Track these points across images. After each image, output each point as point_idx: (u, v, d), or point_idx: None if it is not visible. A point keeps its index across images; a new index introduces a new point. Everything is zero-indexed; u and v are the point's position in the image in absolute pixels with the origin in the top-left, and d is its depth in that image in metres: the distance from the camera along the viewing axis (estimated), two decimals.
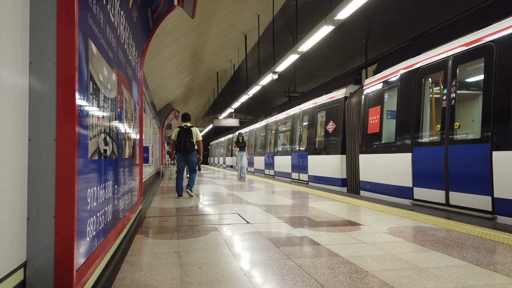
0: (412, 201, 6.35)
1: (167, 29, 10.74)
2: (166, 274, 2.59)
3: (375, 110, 7.59)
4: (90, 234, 2.30)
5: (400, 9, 12.86)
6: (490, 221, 4.66)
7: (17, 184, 1.73)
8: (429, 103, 6.19)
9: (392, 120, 7.08)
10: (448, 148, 5.48)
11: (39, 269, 1.82)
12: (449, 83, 5.56)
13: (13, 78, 1.69)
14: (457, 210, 5.31)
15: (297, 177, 12.19)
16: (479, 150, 4.95)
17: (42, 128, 1.83)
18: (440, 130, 5.69)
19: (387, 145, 7.16)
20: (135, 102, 4.99)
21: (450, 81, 5.56)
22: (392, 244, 3.37)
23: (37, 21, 1.84)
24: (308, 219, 4.72)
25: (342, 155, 9.23)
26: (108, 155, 2.87)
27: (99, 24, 2.53)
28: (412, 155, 6.29)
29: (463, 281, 2.37)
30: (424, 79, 6.21)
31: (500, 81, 4.72)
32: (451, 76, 5.55)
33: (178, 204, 6.29)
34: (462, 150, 5.26)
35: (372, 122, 7.68)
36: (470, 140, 5.22)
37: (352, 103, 8.93)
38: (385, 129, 7.31)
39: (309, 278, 2.46)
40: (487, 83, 4.92)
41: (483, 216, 4.87)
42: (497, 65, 4.78)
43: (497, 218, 4.70)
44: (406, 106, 6.57)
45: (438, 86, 5.99)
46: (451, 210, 5.43)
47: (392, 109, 7.13)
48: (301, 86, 22.77)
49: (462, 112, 5.83)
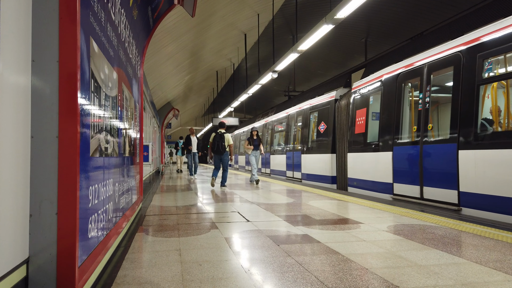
0: (392, 196, 6.84)
1: (166, 28, 10.74)
2: (167, 271, 2.60)
3: (362, 112, 8.15)
4: (92, 231, 2.31)
5: (399, 8, 12.87)
6: (455, 212, 5.19)
7: (19, 181, 1.74)
8: (408, 106, 6.71)
9: (376, 121, 7.61)
10: (423, 147, 6.01)
11: (42, 265, 1.83)
12: (424, 88, 6.10)
13: (16, 75, 1.70)
14: (430, 203, 5.80)
15: (291, 175, 12.62)
16: (448, 149, 5.47)
17: (45, 125, 1.84)
18: (416, 131, 6.22)
19: (371, 145, 7.66)
20: (136, 101, 5.00)
21: (425, 86, 6.09)
22: (392, 242, 3.39)
23: (39, 19, 1.85)
24: (307, 217, 4.74)
25: (332, 154, 9.81)
26: (109, 153, 2.88)
27: (100, 23, 2.54)
28: (393, 154, 6.82)
29: (462, 278, 2.39)
30: (403, 84, 6.74)
31: (466, 87, 5.23)
32: (426, 82, 6.08)
33: (178, 203, 6.31)
34: (434, 149, 5.80)
35: (359, 123, 8.23)
36: (440, 140, 5.74)
37: (342, 105, 9.45)
38: (370, 129, 7.81)
39: (310, 275, 2.48)
40: (455, 89, 5.43)
41: (451, 208, 5.38)
42: (463, 73, 5.30)
43: (462, 210, 5.21)
44: (388, 108, 7.10)
45: (415, 91, 6.52)
46: (424, 204, 5.92)
47: (376, 111, 7.67)
48: (301, 85, 22.77)
49: (435, 115, 6.34)
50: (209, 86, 26.77)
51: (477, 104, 5.04)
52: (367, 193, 7.75)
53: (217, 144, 8.93)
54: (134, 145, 4.73)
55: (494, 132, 4.97)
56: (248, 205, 5.93)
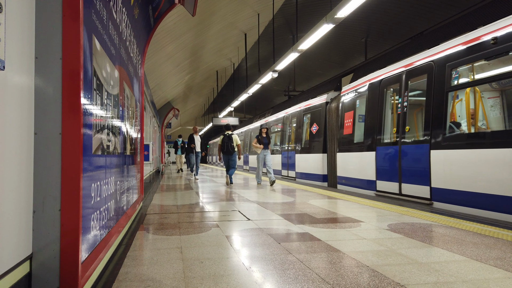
0: (376, 192, 7.40)
1: (167, 28, 10.75)
2: (168, 268, 2.61)
3: (349, 114, 8.73)
4: (94, 228, 2.32)
5: (399, 8, 12.88)
6: (428, 206, 5.69)
7: (23, 178, 1.75)
8: (389, 110, 7.27)
9: (362, 123, 8.19)
10: (401, 147, 6.58)
11: (45, 261, 1.84)
12: (403, 94, 6.68)
13: (19, 72, 1.71)
14: (407, 199, 6.35)
15: (286, 174, 13.22)
16: (422, 150, 6.03)
17: (48, 122, 1.85)
18: (396, 132, 6.80)
19: (357, 145, 8.21)
20: (136, 100, 5.01)
21: (403, 92, 6.67)
22: (392, 240, 3.40)
23: (43, 17, 1.86)
24: (308, 215, 4.75)
25: (323, 154, 10.36)
26: (111, 151, 2.89)
27: (102, 21, 2.55)
28: (376, 153, 7.40)
29: (463, 275, 2.40)
30: (385, 89, 7.33)
31: (437, 93, 5.76)
32: (404, 87, 6.66)
33: (178, 202, 6.32)
34: (410, 150, 6.37)
35: (347, 124, 8.83)
36: (415, 141, 6.30)
37: (332, 108, 10.00)
38: (356, 130, 8.37)
39: (311, 273, 2.49)
40: (428, 95, 5.95)
41: (424, 203, 5.93)
42: (435, 80, 5.83)
43: (433, 204, 5.78)
44: (372, 111, 7.68)
45: (395, 96, 7.09)
46: (402, 199, 6.47)
47: (362, 114, 8.23)
48: (301, 85, 22.78)
49: (412, 118, 6.78)
50: (209, 85, 26.77)
51: (446, 109, 5.58)
52: (354, 190, 8.23)
53: (226, 145, 9.57)
54: (135, 144, 4.74)
55: (460, 134, 5.48)
56: (248, 204, 5.94)
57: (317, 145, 10.72)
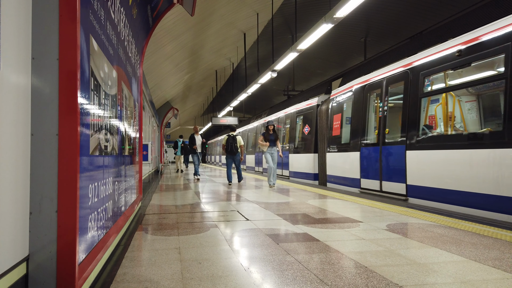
0: (360, 189, 7.95)
1: (166, 27, 10.73)
2: (167, 269, 2.60)
3: (337, 116, 9.33)
4: (92, 229, 2.31)
5: (399, 7, 12.87)
6: (405, 202, 6.22)
7: (19, 179, 1.74)
8: (372, 113, 7.84)
9: (348, 125, 8.73)
10: (382, 148, 7.16)
11: (42, 263, 1.84)
12: (383, 98, 7.26)
13: (16, 73, 1.70)
14: (386, 195, 6.92)
15: (280, 173, 13.82)
16: (399, 150, 6.60)
17: (45, 123, 1.85)
18: (377, 134, 7.36)
19: (344, 145, 8.77)
20: (135, 100, 5.00)
21: (384, 97, 7.24)
22: (391, 240, 3.39)
23: (39, 17, 1.85)
24: (306, 216, 4.74)
25: (314, 154, 10.93)
26: (108, 151, 2.89)
27: (100, 21, 2.54)
28: (360, 153, 7.97)
29: (461, 276, 2.40)
30: (369, 94, 7.89)
31: (412, 99, 6.33)
32: (385, 93, 7.22)
33: (177, 202, 6.31)
34: (389, 150, 6.94)
35: (335, 126, 9.40)
36: (394, 142, 6.83)
37: (322, 110, 10.58)
38: (343, 132, 8.92)
39: (309, 273, 2.48)
40: (405, 100, 6.54)
41: (401, 198, 6.49)
42: (410, 87, 6.40)
43: (408, 200, 6.33)
44: (357, 114, 8.25)
45: (377, 100, 7.66)
46: (383, 195, 7.02)
47: (348, 116, 8.77)
48: (300, 85, 22.76)
49: (391, 121, 7.24)
50: (208, 85, 26.74)
51: (419, 113, 6.15)
52: (341, 188, 8.77)
53: (230, 146, 9.89)
54: (133, 144, 4.73)
55: (431, 136, 6.03)
56: (247, 204, 5.93)
57: (308, 145, 11.25)
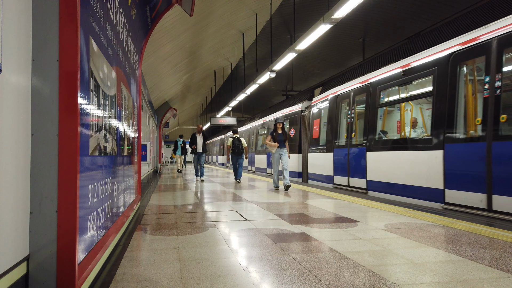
0: (333, 185, 9.14)
1: (164, 28, 10.74)
2: (166, 269, 2.62)
3: (317, 121, 10.57)
4: (91, 229, 2.33)
5: (397, 8, 12.91)
6: (365, 195, 7.29)
7: (20, 179, 1.76)
8: (344, 119, 9.05)
9: (325, 129, 9.98)
10: (349, 149, 8.42)
11: (42, 262, 1.85)
12: (351, 107, 8.56)
13: (16, 74, 1.71)
14: (352, 190, 8.16)
15: (271, 172, 14.54)
16: (361, 151, 7.93)
17: (45, 123, 1.86)
18: (346, 137, 8.64)
19: (321, 147, 10.06)
20: (134, 100, 5.01)
21: (351, 105, 8.55)
22: (389, 240, 3.42)
23: (40, 19, 1.87)
24: (304, 216, 4.76)
25: (299, 154, 12.11)
26: (108, 151, 2.90)
27: (99, 22, 2.56)
28: (333, 154, 9.26)
29: (458, 275, 2.42)
30: (341, 102, 9.16)
31: (371, 109, 7.64)
32: (352, 102, 8.53)
33: (176, 202, 6.32)
34: (354, 151, 8.22)
35: (315, 130, 10.62)
36: (358, 144, 8.12)
37: (305, 115, 11.80)
38: (321, 135, 10.18)
39: (307, 273, 2.50)
40: (366, 109, 7.82)
41: (362, 192, 7.73)
42: (370, 98, 7.72)
43: (368, 193, 7.56)
44: (332, 120, 9.52)
45: (346, 108, 8.91)
46: (350, 190, 8.20)
47: (325, 121, 10.02)
48: (299, 85, 22.80)
49: (356, 126, 8.42)
50: (207, 85, 26.74)
51: (376, 120, 7.49)
52: (319, 184, 9.98)
53: (237, 147, 10.75)
54: (132, 144, 4.74)
55: (384, 140, 7.38)
56: (245, 204, 5.95)
57: (294, 146, 12.33)
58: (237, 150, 10.74)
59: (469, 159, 5.15)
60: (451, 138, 5.48)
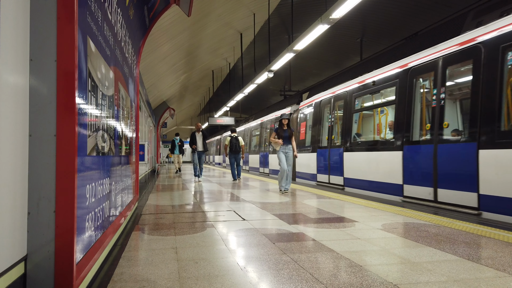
0: (316, 183, 10.08)
1: (162, 27, 10.73)
2: (163, 269, 2.62)
3: (303, 124, 11.45)
4: (89, 229, 2.33)
5: (395, 8, 12.94)
6: (343, 191, 8.11)
7: (17, 179, 1.76)
8: (326, 122, 9.93)
9: (310, 131, 10.88)
10: (330, 150, 9.38)
11: (40, 262, 1.85)
12: (332, 112, 9.52)
13: (14, 74, 1.71)
14: (333, 187, 9.01)
15: (263, 171, 16.40)
16: (339, 151, 8.86)
17: (43, 124, 1.86)
18: (327, 139, 9.62)
19: (307, 147, 10.92)
20: (132, 100, 5.01)
21: (332, 110, 9.51)
22: (386, 240, 3.43)
23: (37, 19, 1.87)
24: (302, 215, 4.78)
25: None
26: (105, 152, 2.90)
27: (97, 22, 2.56)
28: (316, 154, 10.19)
29: (454, 275, 2.44)
30: (324, 107, 10.07)
31: (348, 114, 8.61)
32: (332, 108, 9.51)
33: (174, 202, 6.32)
34: (334, 151, 9.18)
35: (302, 132, 11.48)
36: (337, 145, 9.10)
37: (294, 118, 12.68)
38: (307, 137, 11.06)
39: (305, 273, 2.51)
40: (344, 114, 8.82)
41: (340, 188, 8.66)
42: (347, 104, 8.68)
43: (344, 189, 8.52)
44: (315, 123, 10.46)
45: (328, 113, 9.81)
46: (331, 187, 9.13)
47: (310, 124, 10.90)
48: (297, 85, 22.81)
49: (336, 129, 9.35)
50: (205, 85, 26.73)
51: (352, 124, 8.44)
52: (305, 182, 10.82)
53: (234, 146, 11.15)
54: (130, 144, 4.74)
55: (357, 141, 8.33)
56: (243, 204, 5.96)
57: None
58: (234, 149, 11.16)
59: (421, 159, 6.06)
60: (408, 140, 6.41)
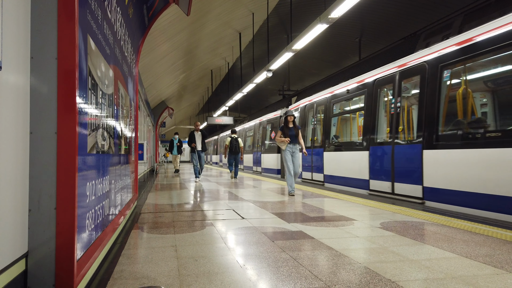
0: (302, 180, 11.17)
1: (161, 27, 10.73)
2: (163, 266, 2.63)
3: None
4: (89, 227, 2.34)
5: (393, 8, 12.97)
6: (323, 186, 9.20)
7: (18, 176, 1.77)
8: (310, 125, 10.99)
9: None
10: (312, 150, 10.49)
11: (41, 259, 1.86)
12: (314, 115, 10.66)
13: (15, 72, 1.72)
14: (314, 182, 10.17)
15: (256, 169, 17.44)
16: (320, 151, 9.96)
17: (43, 121, 1.87)
18: (311, 140, 10.71)
19: None
20: (131, 99, 5.02)
21: (315, 114, 10.63)
22: (384, 238, 3.45)
23: (38, 17, 1.88)
24: (301, 214, 4.79)
25: (278, 154, 13.83)
26: (105, 150, 2.91)
27: (97, 21, 2.56)
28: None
29: (452, 272, 2.46)
30: (308, 111, 11.17)
31: (327, 117, 9.72)
32: (315, 111, 10.63)
33: (173, 201, 6.33)
34: (316, 151, 10.25)
35: None
36: (318, 146, 10.21)
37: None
38: None
39: (304, 270, 2.53)
40: (324, 117, 9.90)
41: (320, 184, 9.76)
42: (326, 109, 9.79)
43: (324, 185, 9.59)
44: (301, 125, 11.36)
45: (311, 116, 10.93)
46: (313, 183, 10.19)
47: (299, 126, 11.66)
48: (295, 84, 22.82)
49: (318, 131, 10.50)
50: (203, 85, 26.72)
51: (330, 127, 9.53)
52: None
53: (234, 146, 11.75)
54: (129, 143, 4.75)
55: (335, 142, 9.43)
56: (242, 202, 5.97)
57: (274, 147, 14.22)
58: (234, 150, 11.70)
59: (382, 158, 7.08)
60: (373, 142, 7.42)
